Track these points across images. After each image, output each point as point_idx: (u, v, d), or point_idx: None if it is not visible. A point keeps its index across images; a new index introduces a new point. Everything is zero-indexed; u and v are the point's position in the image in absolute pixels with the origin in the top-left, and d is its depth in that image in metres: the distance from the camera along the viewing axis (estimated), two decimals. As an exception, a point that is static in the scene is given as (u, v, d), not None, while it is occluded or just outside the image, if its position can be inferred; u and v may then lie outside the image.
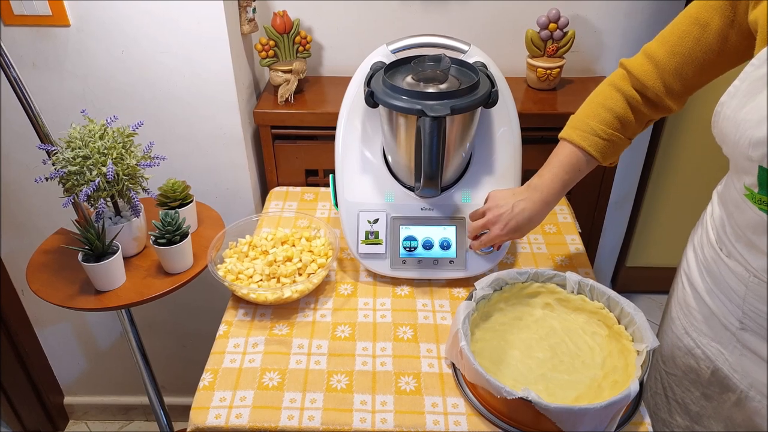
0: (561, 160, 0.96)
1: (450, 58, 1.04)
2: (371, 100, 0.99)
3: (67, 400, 1.91)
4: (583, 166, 0.96)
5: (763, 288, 0.77)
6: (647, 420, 0.86)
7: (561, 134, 0.97)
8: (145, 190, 1.09)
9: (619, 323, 0.93)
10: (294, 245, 1.12)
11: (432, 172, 0.96)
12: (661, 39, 0.87)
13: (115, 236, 1.07)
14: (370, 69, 1.06)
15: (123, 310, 1.20)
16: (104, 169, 1.00)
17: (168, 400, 1.48)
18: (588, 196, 1.48)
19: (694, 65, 0.85)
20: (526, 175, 1.37)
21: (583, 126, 0.94)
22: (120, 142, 1.04)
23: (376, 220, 1.09)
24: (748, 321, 0.81)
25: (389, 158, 1.11)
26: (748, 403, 0.84)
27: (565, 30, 1.37)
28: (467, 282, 1.10)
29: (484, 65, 1.06)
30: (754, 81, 0.69)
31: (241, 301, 1.07)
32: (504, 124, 1.10)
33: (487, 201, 1.02)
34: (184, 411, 0.93)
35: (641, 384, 0.84)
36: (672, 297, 1.00)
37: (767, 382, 0.81)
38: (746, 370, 0.83)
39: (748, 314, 0.80)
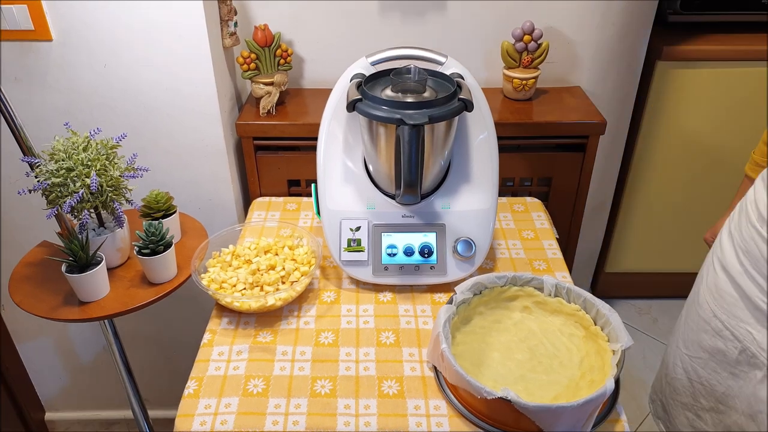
0: (743, 188, 1.09)
1: (428, 70, 1.06)
2: (352, 107, 1.01)
3: (49, 416, 1.88)
4: None
5: None
6: (623, 417, 0.88)
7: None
8: (128, 201, 1.10)
9: (596, 324, 0.96)
10: (277, 254, 1.14)
11: (412, 180, 0.99)
12: None
13: (99, 247, 1.08)
14: (351, 80, 1.08)
15: (106, 322, 1.20)
16: (88, 181, 1.01)
17: (152, 413, 1.47)
18: (565, 203, 1.51)
19: None
20: (504, 183, 1.40)
21: (751, 160, 1.10)
22: (103, 154, 1.05)
23: (358, 228, 1.11)
24: None
25: (370, 167, 1.13)
26: None
27: (539, 41, 1.41)
28: (448, 287, 1.12)
29: (461, 76, 1.08)
30: None
31: (224, 310, 1.08)
32: (481, 133, 1.12)
33: None
34: (169, 424, 0.93)
35: (617, 382, 0.86)
36: (701, 284, 1.03)
37: None
38: None
39: None
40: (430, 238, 1.11)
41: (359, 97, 1.01)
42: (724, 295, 0.95)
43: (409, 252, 1.10)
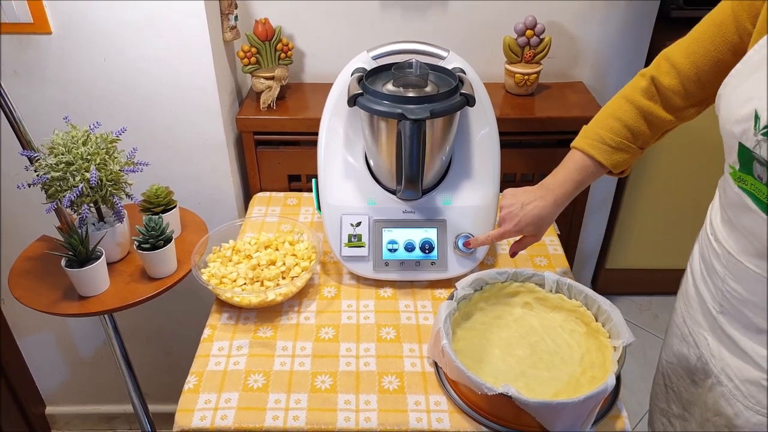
0: (573, 165, 0.99)
1: (429, 64, 1.06)
2: (353, 101, 1.01)
3: (49, 410, 1.89)
4: (593, 172, 0.98)
5: (738, 267, 0.79)
6: (624, 414, 0.88)
7: (572, 144, 1.00)
8: (128, 195, 1.09)
9: (597, 321, 0.96)
10: (277, 249, 1.14)
11: (413, 175, 0.98)
12: (676, 44, 0.90)
13: (99, 242, 1.07)
14: (352, 74, 1.08)
15: (106, 316, 1.19)
16: (87, 175, 1.01)
17: (152, 408, 1.47)
18: (566, 199, 1.51)
19: (710, 64, 0.86)
20: (505, 178, 1.39)
21: (593, 135, 0.97)
22: (103, 148, 1.04)
23: (358, 224, 1.11)
24: (726, 304, 0.83)
25: (371, 162, 1.13)
26: (718, 387, 0.87)
27: (541, 36, 1.40)
28: (449, 283, 1.11)
29: (462, 71, 1.08)
30: (753, 64, 0.73)
31: (225, 305, 1.08)
32: (483, 128, 1.12)
33: (502, 199, 1.04)
34: (169, 418, 0.93)
35: (618, 378, 0.86)
36: (679, 290, 1.03)
37: (737, 365, 0.83)
38: (721, 355, 0.86)
39: (726, 296, 0.83)
40: (431, 234, 1.11)
41: (360, 91, 1.00)
42: (690, 300, 0.95)
43: (409, 247, 1.10)
